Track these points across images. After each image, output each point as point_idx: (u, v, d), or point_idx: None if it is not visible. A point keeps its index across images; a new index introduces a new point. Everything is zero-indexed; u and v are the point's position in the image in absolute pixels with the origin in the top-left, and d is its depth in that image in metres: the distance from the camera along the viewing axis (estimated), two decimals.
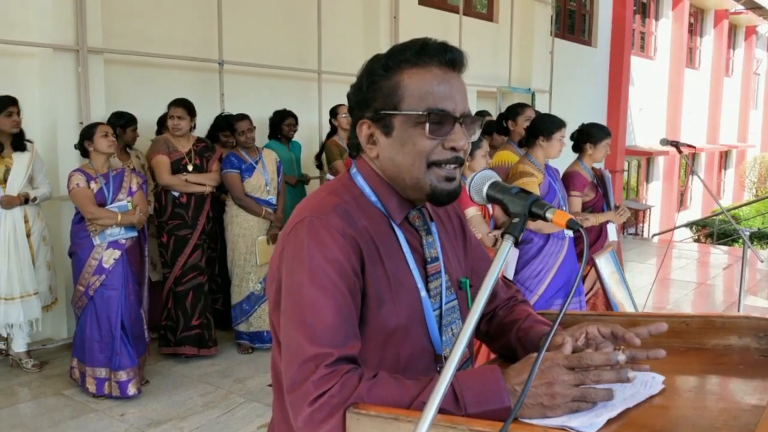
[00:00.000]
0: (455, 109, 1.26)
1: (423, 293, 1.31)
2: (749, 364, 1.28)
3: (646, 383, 1.17)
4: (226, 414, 4.17)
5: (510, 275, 3.93)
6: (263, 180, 5.15)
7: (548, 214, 1.10)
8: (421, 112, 1.24)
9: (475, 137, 1.33)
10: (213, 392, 4.50)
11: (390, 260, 1.28)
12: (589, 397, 1.09)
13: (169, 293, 4.97)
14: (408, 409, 1.10)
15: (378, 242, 1.27)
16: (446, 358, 1.33)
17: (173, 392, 4.49)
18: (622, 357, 1.12)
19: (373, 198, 1.33)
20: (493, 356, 1.53)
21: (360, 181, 1.35)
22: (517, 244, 1.09)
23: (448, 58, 1.26)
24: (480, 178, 1.21)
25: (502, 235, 1.09)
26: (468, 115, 1.28)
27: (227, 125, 5.33)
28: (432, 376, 1.18)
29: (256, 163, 5.17)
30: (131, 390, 4.29)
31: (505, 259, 1.05)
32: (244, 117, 5.15)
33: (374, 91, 1.28)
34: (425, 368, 1.30)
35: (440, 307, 1.35)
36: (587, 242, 1.10)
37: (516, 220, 1.11)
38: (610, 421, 1.05)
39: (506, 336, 1.44)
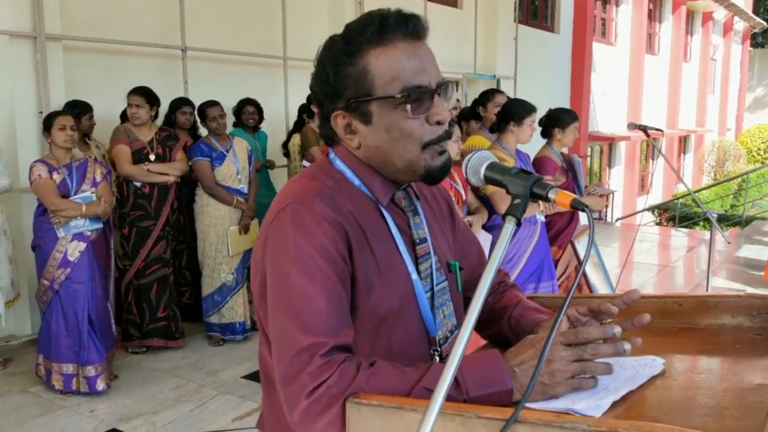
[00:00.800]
0: (430, 81, 1.21)
1: (414, 275, 1.27)
2: (744, 342, 1.28)
3: (647, 365, 1.16)
4: (199, 407, 4.11)
5: None
6: (234, 169, 5.06)
7: (551, 195, 1.07)
8: (398, 94, 1.19)
9: (453, 103, 1.28)
10: (184, 385, 4.42)
11: (378, 244, 1.23)
12: (588, 370, 1.07)
13: (129, 286, 4.85)
14: (409, 395, 1.07)
15: (364, 226, 1.22)
16: (440, 341, 1.30)
17: (144, 386, 4.40)
18: (617, 329, 1.10)
19: (357, 181, 1.27)
20: (482, 342, 1.51)
21: (340, 165, 1.29)
22: (519, 225, 1.06)
23: (411, 28, 1.21)
24: (477, 158, 1.17)
25: (504, 217, 1.06)
26: (443, 82, 1.24)
27: (198, 112, 5.19)
28: (431, 363, 1.15)
29: (227, 151, 5.07)
30: (100, 385, 4.19)
31: (508, 241, 1.03)
32: (215, 103, 5.06)
33: (342, 80, 1.22)
34: (419, 352, 1.27)
35: (431, 289, 1.32)
36: (592, 223, 1.08)
37: (517, 201, 1.08)
38: (615, 404, 1.03)
39: (498, 323, 1.41)
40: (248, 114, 5.99)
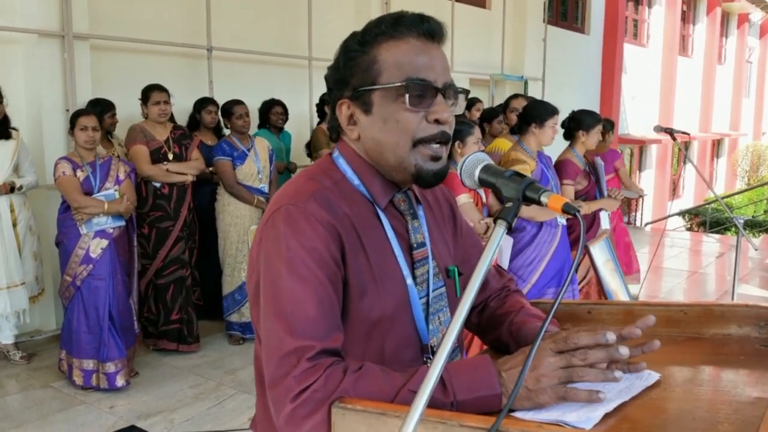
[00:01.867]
0: (436, 79, 1.21)
1: (409, 280, 1.26)
2: (750, 354, 1.24)
3: (641, 376, 1.13)
4: (217, 406, 4.13)
5: (505, 264, 3.89)
6: (255, 168, 5.08)
7: (543, 198, 1.04)
8: (399, 84, 1.18)
9: (460, 110, 1.27)
10: (203, 384, 4.45)
11: (373, 247, 1.22)
12: (576, 377, 1.03)
13: (149, 285, 4.88)
14: (395, 398, 1.05)
15: (360, 229, 1.21)
16: (433, 348, 1.28)
17: (163, 384, 4.43)
18: (611, 336, 1.05)
19: (356, 182, 1.27)
20: (485, 348, 1.48)
21: (342, 164, 1.29)
22: (510, 229, 1.04)
23: (425, 28, 1.22)
24: (472, 161, 1.16)
25: (495, 221, 1.04)
26: (450, 85, 1.23)
27: (223, 111, 5.22)
28: (419, 367, 1.13)
29: (248, 150, 5.10)
30: (119, 381, 4.23)
31: (498, 245, 1.00)
32: (240, 102, 5.11)
33: (351, 68, 1.23)
34: (412, 359, 1.26)
35: (427, 295, 1.30)
36: (584, 229, 1.05)
37: (509, 204, 1.06)
38: (606, 416, 1.00)
39: (498, 329, 1.38)
40: (276, 115, 6.03)
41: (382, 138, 1.22)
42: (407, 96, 1.18)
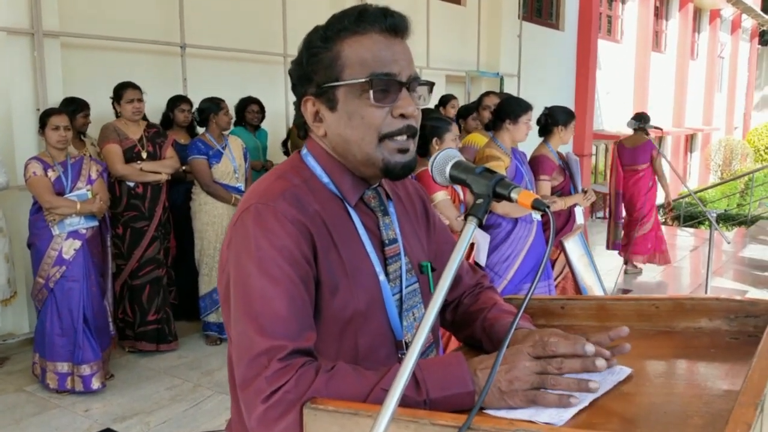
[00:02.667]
0: (401, 73, 1.20)
1: (381, 277, 1.25)
2: (720, 347, 1.25)
3: (613, 371, 1.13)
4: (194, 407, 4.09)
5: (482, 261, 3.89)
6: (231, 166, 5.05)
7: (513, 194, 1.04)
8: (363, 79, 1.18)
9: (426, 103, 1.26)
10: (180, 385, 4.41)
11: (345, 245, 1.21)
12: (548, 384, 1.04)
13: (124, 286, 4.82)
14: (368, 397, 1.04)
15: (331, 227, 1.20)
16: (407, 344, 1.27)
17: (139, 386, 4.39)
18: (590, 348, 1.07)
19: (326, 179, 1.26)
20: (459, 345, 1.48)
21: (311, 161, 1.28)
22: (481, 225, 1.03)
23: (389, 23, 1.20)
24: (443, 157, 1.15)
25: (466, 217, 1.04)
26: (416, 78, 1.22)
27: (209, 108, 5.11)
28: (392, 365, 1.12)
29: (223, 149, 5.06)
30: (95, 384, 4.18)
31: (469, 241, 1.00)
32: (222, 100, 5.12)
33: (314, 64, 1.22)
34: (386, 356, 1.25)
35: (400, 291, 1.29)
36: (554, 223, 1.05)
37: (480, 201, 1.05)
38: (578, 411, 1.00)
39: (471, 326, 1.38)
40: (253, 113, 6.03)
41: (348, 134, 1.21)
42: (372, 92, 1.17)
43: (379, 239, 1.28)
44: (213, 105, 5.08)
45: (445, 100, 6.70)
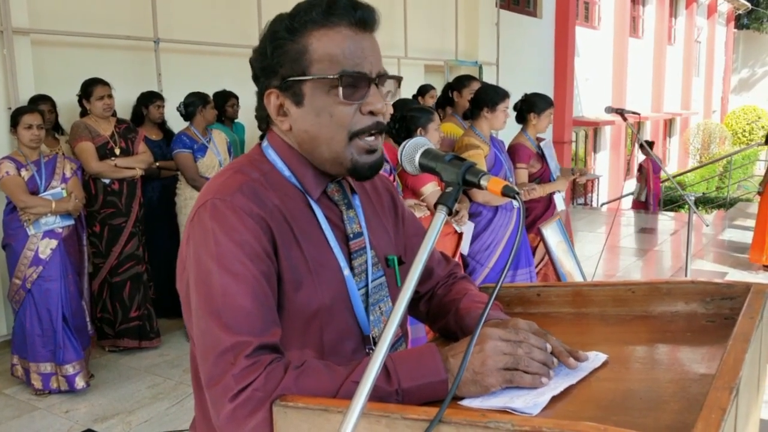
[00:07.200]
0: (370, 69, 1.17)
1: (346, 271, 1.22)
2: (696, 330, 1.24)
3: (589, 358, 1.12)
4: (176, 405, 4.05)
5: (465, 250, 3.88)
6: (217, 160, 5.02)
7: (483, 182, 1.02)
8: (332, 76, 1.14)
9: (395, 98, 1.24)
10: (161, 383, 4.36)
11: (307, 239, 1.18)
12: (521, 366, 1.03)
13: (104, 284, 4.76)
14: (339, 391, 1.02)
15: (292, 221, 1.17)
16: (375, 339, 1.25)
17: (120, 385, 4.34)
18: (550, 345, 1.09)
19: (287, 173, 1.23)
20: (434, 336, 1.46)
21: (272, 154, 1.24)
22: (450, 214, 1.01)
23: (359, 16, 1.16)
24: (412, 146, 1.13)
25: (435, 206, 1.01)
26: (383, 74, 1.20)
27: (195, 102, 5.07)
28: (362, 359, 1.10)
29: (208, 142, 5.04)
30: (79, 383, 4.13)
31: (438, 231, 0.98)
32: (207, 95, 5.14)
33: (280, 56, 1.18)
34: (353, 350, 1.23)
35: (366, 285, 1.26)
36: (523, 210, 1.03)
37: (449, 189, 1.03)
38: (554, 399, 0.99)
39: (445, 317, 1.37)
40: (232, 107, 6.00)
41: (317, 132, 1.18)
42: (341, 89, 1.14)
43: (343, 233, 1.26)
44: (199, 99, 5.05)
45: (423, 90, 6.67)
